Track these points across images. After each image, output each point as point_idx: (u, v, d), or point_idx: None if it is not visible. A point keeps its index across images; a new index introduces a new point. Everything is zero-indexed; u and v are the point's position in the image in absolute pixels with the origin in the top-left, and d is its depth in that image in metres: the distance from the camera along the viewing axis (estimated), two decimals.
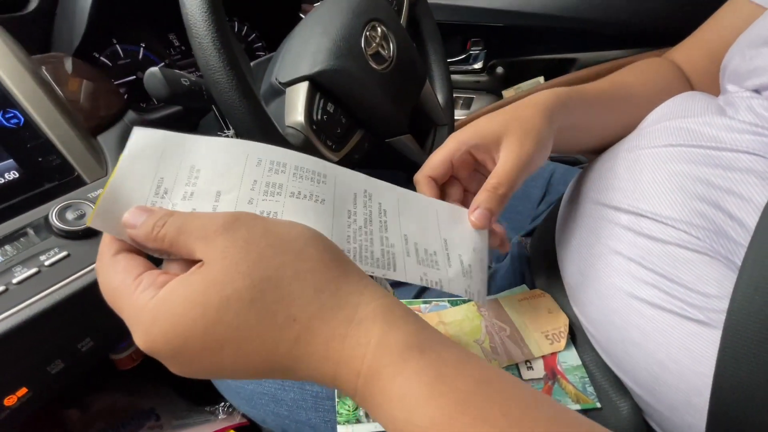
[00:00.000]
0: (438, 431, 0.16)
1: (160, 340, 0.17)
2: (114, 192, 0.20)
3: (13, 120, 0.34)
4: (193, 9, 0.29)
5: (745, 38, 0.33)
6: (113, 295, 0.19)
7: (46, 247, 0.31)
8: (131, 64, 0.55)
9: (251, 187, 0.21)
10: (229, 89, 0.30)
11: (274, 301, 0.17)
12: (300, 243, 0.19)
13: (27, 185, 0.33)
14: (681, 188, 0.29)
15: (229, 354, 0.17)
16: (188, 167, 0.21)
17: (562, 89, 0.35)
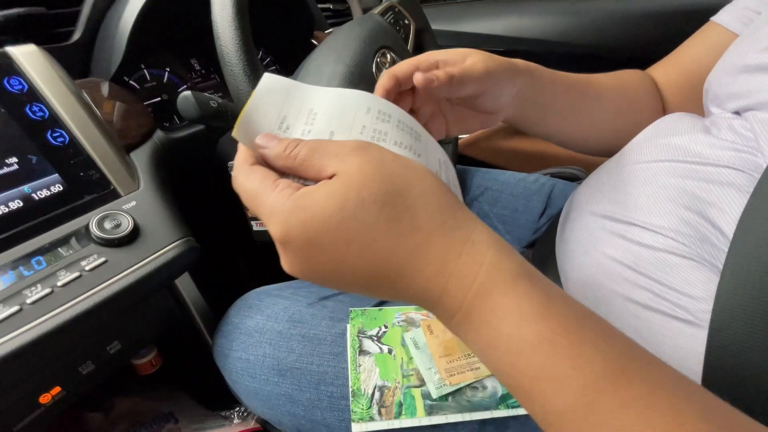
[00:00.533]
0: (542, 347, 0.18)
1: (296, 230, 0.19)
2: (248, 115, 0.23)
3: (60, 139, 0.37)
4: (227, 42, 0.33)
5: (721, 66, 0.36)
6: (252, 195, 0.21)
7: (87, 253, 0.34)
8: (157, 87, 0.59)
9: (360, 132, 0.23)
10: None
11: (402, 210, 0.19)
12: (423, 171, 0.21)
13: (70, 197, 0.36)
14: (669, 199, 0.32)
15: (355, 251, 0.19)
16: (307, 110, 0.24)
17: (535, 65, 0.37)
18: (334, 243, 0.19)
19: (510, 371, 0.19)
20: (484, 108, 0.34)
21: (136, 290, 0.35)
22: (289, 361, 0.39)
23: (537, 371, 0.18)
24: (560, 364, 0.18)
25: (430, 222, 0.20)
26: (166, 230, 0.39)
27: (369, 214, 0.19)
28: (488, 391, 0.35)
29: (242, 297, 0.46)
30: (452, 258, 0.19)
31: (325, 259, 0.20)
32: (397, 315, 0.41)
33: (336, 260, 0.20)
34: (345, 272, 0.20)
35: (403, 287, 0.20)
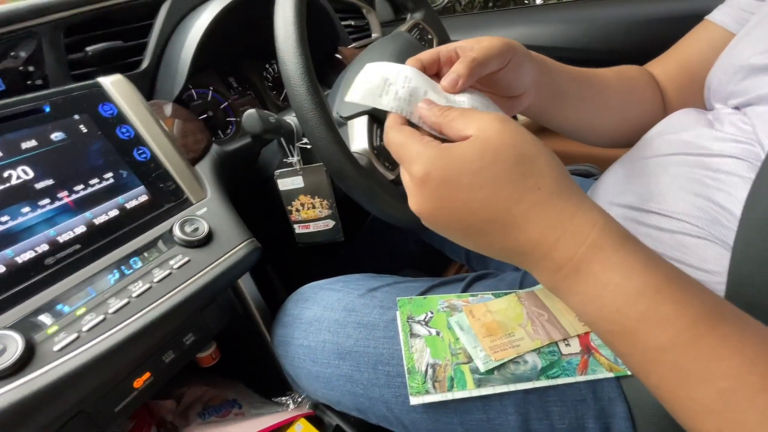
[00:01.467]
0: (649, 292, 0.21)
1: (438, 170, 0.24)
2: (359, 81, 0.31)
3: (144, 155, 0.42)
4: (292, 66, 0.38)
5: (720, 64, 0.41)
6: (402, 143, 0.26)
7: (173, 254, 0.39)
8: (203, 104, 0.65)
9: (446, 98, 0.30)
10: (318, 125, 0.39)
11: (530, 171, 0.23)
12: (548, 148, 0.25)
13: (153, 206, 0.42)
14: (681, 188, 0.36)
15: (484, 194, 0.23)
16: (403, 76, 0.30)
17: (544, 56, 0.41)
18: (469, 185, 0.23)
19: (614, 317, 0.22)
20: (510, 89, 0.36)
21: (217, 284, 0.40)
22: (347, 345, 0.43)
23: (643, 313, 0.21)
24: (665, 306, 0.21)
25: (552, 185, 0.23)
26: (234, 233, 0.44)
27: (503, 168, 0.23)
28: (529, 364, 0.39)
29: (297, 291, 0.51)
30: (567, 217, 0.23)
31: (456, 198, 0.24)
32: (441, 302, 0.46)
33: (466, 200, 0.23)
34: (470, 213, 0.24)
35: (514, 236, 0.24)
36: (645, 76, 0.49)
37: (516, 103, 0.38)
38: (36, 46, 0.40)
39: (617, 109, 0.47)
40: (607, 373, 0.38)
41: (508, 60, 0.33)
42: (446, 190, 0.24)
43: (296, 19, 0.39)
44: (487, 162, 0.23)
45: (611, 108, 0.46)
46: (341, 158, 0.40)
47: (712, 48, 0.44)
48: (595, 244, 0.23)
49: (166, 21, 0.51)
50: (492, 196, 0.23)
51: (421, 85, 0.30)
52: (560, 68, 0.42)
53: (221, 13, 0.54)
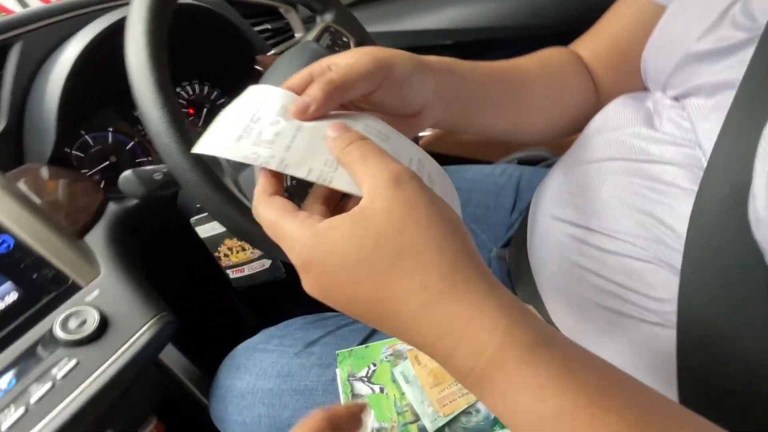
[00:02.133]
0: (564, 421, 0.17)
1: (315, 261, 0.20)
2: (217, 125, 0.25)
3: (4, 245, 0.36)
4: (155, 121, 0.32)
5: (656, 46, 0.36)
6: (273, 224, 0.22)
7: (56, 359, 0.33)
8: (103, 150, 0.57)
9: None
10: (199, 186, 0.33)
11: (414, 267, 0.19)
12: (452, 225, 0.21)
13: (27, 303, 0.35)
14: (622, 202, 0.32)
15: (366, 292, 0.20)
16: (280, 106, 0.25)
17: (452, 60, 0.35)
18: (348, 280, 0.20)
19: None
20: (399, 109, 0.31)
21: (115, 385, 0.34)
22: (284, 417, 0.39)
23: None
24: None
25: (440, 283, 0.19)
26: (137, 312, 0.38)
27: (382, 263, 0.20)
28: (482, 414, 0.36)
29: (229, 356, 0.46)
30: (461, 323, 0.19)
31: (340, 291, 0.21)
32: (384, 349, 0.42)
33: (349, 294, 0.21)
34: (357, 305, 0.21)
35: (410, 337, 0.21)
36: (571, 62, 0.44)
37: (414, 122, 0.32)
38: None
39: (544, 104, 0.42)
40: None
41: (380, 81, 0.28)
42: (328, 282, 0.21)
43: (152, 60, 0.33)
44: (366, 255, 0.20)
45: (537, 105, 0.41)
46: (240, 221, 0.34)
47: (641, 23, 0.39)
48: (494, 358, 0.19)
49: (19, 69, 0.43)
50: (376, 294, 0.20)
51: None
52: (472, 71, 0.36)
53: (92, 42, 0.46)
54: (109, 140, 0.58)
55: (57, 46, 0.46)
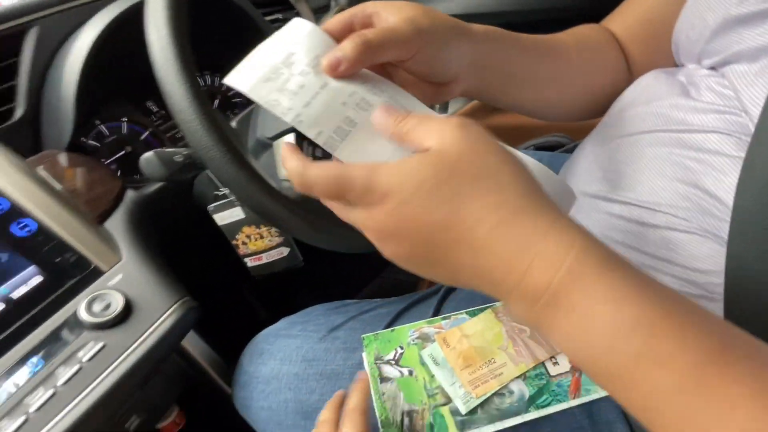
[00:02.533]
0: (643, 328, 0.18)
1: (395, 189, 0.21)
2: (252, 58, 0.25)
3: (27, 228, 0.35)
4: (178, 98, 0.31)
5: (686, 18, 0.35)
6: (338, 177, 0.22)
7: (82, 342, 0.33)
8: (118, 140, 0.57)
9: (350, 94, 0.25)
10: (224, 164, 0.32)
11: (490, 185, 0.20)
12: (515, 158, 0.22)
13: (51, 287, 0.35)
14: (662, 174, 0.31)
15: (443, 215, 0.20)
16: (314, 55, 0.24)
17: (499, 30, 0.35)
18: (424, 207, 0.20)
19: (606, 357, 0.18)
20: (429, 78, 0.30)
21: (141, 368, 0.34)
22: (311, 402, 0.38)
23: (639, 353, 0.18)
24: (664, 344, 0.18)
25: (517, 201, 0.20)
26: (160, 297, 0.38)
27: (461, 184, 0.20)
28: (516, 395, 0.35)
29: (251, 342, 0.45)
30: (538, 238, 0.19)
31: (414, 219, 0.21)
32: (411, 333, 0.41)
33: (426, 222, 0.21)
34: (431, 235, 0.21)
35: (483, 260, 0.20)
36: (605, 37, 0.42)
37: (443, 90, 0.31)
38: None
39: (578, 80, 0.41)
40: (602, 392, 0.34)
41: (415, 51, 0.27)
42: (403, 211, 0.21)
43: (174, 38, 0.32)
44: (443, 178, 0.20)
45: (571, 80, 0.40)
46: (262, 198, 0.33)
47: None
48: (572, 269, 0.19)
49: (36, 55, 0.42)
50: (452, 216, 0.20)
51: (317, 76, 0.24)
52: (510, 42, 0.35)
53: (107, 29, 0.45)
54: (124, 130, 0.58)
55: (72, 31, 0.45)
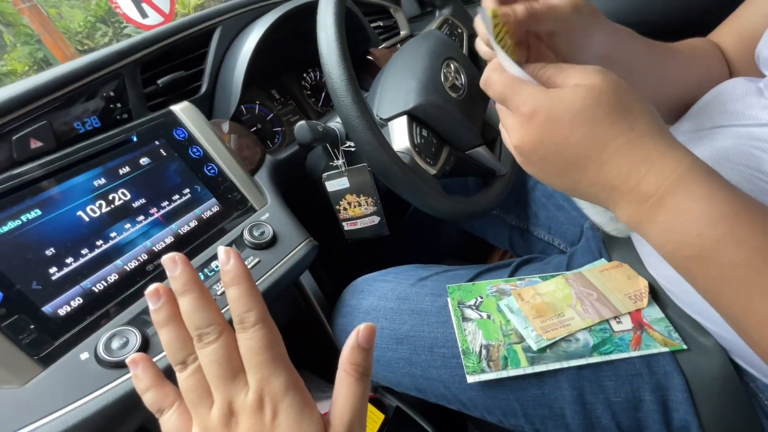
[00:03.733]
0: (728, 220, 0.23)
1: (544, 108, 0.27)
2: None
3: (212, 171, 0.48)
4: (337, 79, 0.42)
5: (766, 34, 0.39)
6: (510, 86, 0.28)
7: (246, 256, 0.45)
8: (252, 118, 0.71)
9: None
10: (364, 130, 0.42)
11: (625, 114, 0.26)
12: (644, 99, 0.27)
13: (224, 215, 0.47)
14: (726, 158, 0.36)
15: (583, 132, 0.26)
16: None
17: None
18: (570, 123, 0.26)
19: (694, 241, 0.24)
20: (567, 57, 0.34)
21: (284, 280, 0.45)
22: (403, 330, 0.47)
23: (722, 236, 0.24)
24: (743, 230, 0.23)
25: (644, 127, 0.26)
26: (294, 234, 0.49)
27: (602, 111, 0.26)
28: (581, 342, 0.41)
29: (352, 284, 0.55)
30: (656, 155, 0.25)
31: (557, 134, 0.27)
32: (489, 287, 0.48)
33: (566, 135, 0.26)
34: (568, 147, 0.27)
35: (606, 170, 0.26)
36: (713, 49, 0.45)
37: None
38: (119, 84, 0.46)
39: (687, 85, 0.43)
40: (662, 348, 0.39)
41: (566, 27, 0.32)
42: (549, 127, 0.27)
43: (338, 33, 0.43)
44: (589, 104, 0.26)
45: (682, 84, 0.43)
46: (387, 159, 0.43)
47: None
48: (681, 178, 0.25)
49: (218, 47, 0.57)
50: (590, 134, 0.26)
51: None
52: (637, 40, 0.39)
53: (266, 33, 0.58)
54: (256, 111, 0.72)
55: (241, 30, 0.59)
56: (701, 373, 0.37)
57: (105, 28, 5.12)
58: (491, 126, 0.66)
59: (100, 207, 0.40)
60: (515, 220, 0.69)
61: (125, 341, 0.35)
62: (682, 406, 0.36)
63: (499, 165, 0.61)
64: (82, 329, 0.35)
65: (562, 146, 0.27)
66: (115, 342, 0.35)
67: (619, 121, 0.26)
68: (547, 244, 0.65)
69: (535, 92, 0.27)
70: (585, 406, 0.39)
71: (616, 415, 0.39)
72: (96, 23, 5.16)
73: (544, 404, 0.40)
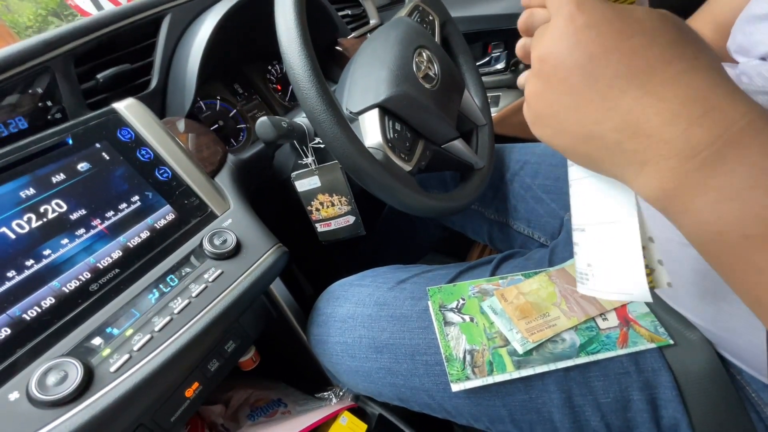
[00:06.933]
0: None
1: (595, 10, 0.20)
2: None
3: (165, 174, 0.43)
4: (299, 70, 0.38)
5: (743, 17, 0.38)
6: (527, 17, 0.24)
7: (206, 267, 0.40)
8: (212, 115, 0.66)
9: None
10: (331, 125, 0.39)
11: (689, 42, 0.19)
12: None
13: (181, 223, 0.43)
14: None
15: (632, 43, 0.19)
16: None
17: None
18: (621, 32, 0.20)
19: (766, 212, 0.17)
20: None
21: (251, 292, 0.41)
22: (383, 338, 0.44)
23: None
24: None
25: (710, 61, 0.19)
26: (261, 240, 0.45)
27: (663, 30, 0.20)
28: (567, 342, 0.39)
29: (327, 290, 0.52)
30: (721, 93, 0.18)
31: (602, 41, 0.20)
32: (471, 288, 0.46)
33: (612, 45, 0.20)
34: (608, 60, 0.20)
35: (647, 102, 0.19)
36: None
37: None
38: (50, 80, 0.41)
39: None
40: (649, 344, 0.38)
41: None
42: (594, 31, 0.20)
43: (298, 21, 0.39)
44: (651, 19, 0.20)
45: None
46: (357, 156, 0.40)
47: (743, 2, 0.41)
48: (753, 125, 0.18)
49: (168, 38, 0.51)
50: (642, 48, 0.19)
51: None
52: None
53: (221, 21, 0.53)
54: (217, 107, 0.67)
55: (194, 18, 0.54)
56: (689, 368, 0.36)
57: (58, 21, 4.82)
58: (467, 118, 0.63)
59: (29, 221, 0.35)
60: (494, 214, 0.67)
61: (63, 375, 0.30)
62: (671, 403, 0.35)
63: (476, 158, 0.58)
64: (11, 365, 0.30)
65: (601, 60, 0.20)
66: (52, 377, 0.30)
67: (680, 46, 0.19)
68: (527, 238, 0.63)
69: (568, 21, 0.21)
70: (573, 409, 0.38)
71: (605, 416, 0.37)
72: (48, 17, 4.83)
73: (532, 409, 0.39)
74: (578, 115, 0.21)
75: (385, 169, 0.42)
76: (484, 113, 0.64)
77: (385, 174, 0.42)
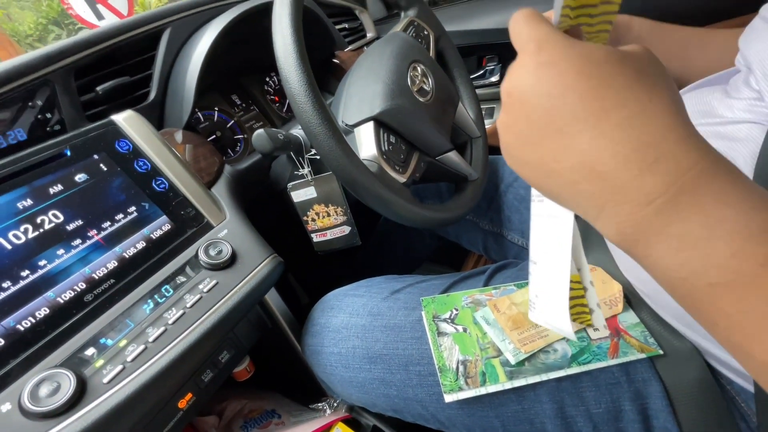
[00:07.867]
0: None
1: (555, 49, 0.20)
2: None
3: (162, 185, 0.44)
4: (295, 84, 0.39)
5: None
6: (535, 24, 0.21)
7: (201, 278, 0.41)
8: (210, 126, 0.66)
9: None
10: (326, 138, 0.39)
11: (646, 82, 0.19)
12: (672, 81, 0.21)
13: (177, 233, 0.43)
14: None
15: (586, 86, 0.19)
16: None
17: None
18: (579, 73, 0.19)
19: (728, 263, 0.17)
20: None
21: (246, 302, 0.41)
22: (376, 349, 0.44)
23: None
24: None
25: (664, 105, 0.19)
26: (256, 251, 0.45)
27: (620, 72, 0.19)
28: (559, 353, 0.40)
29: (321, 300, 0.52)
30: (674, 139, 0.18)
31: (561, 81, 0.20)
32: (464, 298, 0.46)
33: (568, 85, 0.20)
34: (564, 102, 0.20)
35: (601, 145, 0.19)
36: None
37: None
38: (50, 92, 0.41)
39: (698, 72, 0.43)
40: (639, 355, 0.38)
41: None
42: (554, 70, 0.20)
43: (294, 36, 0.40)
44: (611, 59, 0.20)
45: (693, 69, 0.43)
46: (352, 169, 0.40)
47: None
48: (706, 171, 0.18)
49: (167, 50, 0.52)
50: (596, 91, 0.19)
51: None
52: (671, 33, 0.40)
53: (220, 35, 0.54)
54: (215, 118, 0.68)
55: (193, 32, 0.55)
56: (679, 378, 0.36)
57: (58, 30, 4.85)
58: (461, 130, 0.64)
59: (25, 232, 0.35)
60: (488, 224, 0.68)
61: (56, 386, 0.30)
62: (662, 413, 0.36)
63: (471, 170, 0.59)
64: (3, 376, 0.30)
65: (558, 99, 0.20)
66: (44, 388, 0.30)
67: (637, 87, 0.19)
68: (521, 249, 0.64)
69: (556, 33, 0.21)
70: (566, 420, 0.38)
71: (597, 426, 0.37)
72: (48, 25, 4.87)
73: (525, 419, 0.39)
74: (540, 151, 0.21)
75: (380, 180, 0.43)
76: (478, 125, 0.65)
77: (380, 186, 0.43)
